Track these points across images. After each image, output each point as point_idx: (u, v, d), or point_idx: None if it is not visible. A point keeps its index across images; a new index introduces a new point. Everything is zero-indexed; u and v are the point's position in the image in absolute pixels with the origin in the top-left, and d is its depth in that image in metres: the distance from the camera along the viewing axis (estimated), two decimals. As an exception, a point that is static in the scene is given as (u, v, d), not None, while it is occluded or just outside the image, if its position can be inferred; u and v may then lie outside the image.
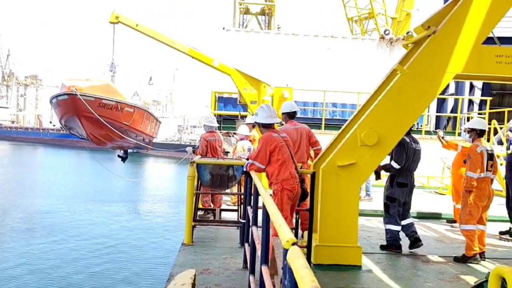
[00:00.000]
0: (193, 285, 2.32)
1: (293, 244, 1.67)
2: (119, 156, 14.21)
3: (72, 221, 21.34)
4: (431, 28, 5.19)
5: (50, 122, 67.78)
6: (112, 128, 11.85)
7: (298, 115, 13.18)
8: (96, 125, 11.49)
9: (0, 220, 21.76)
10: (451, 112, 19.32)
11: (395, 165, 5.92)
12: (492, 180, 5.86)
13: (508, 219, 7.24)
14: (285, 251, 1.67)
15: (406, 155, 5.89)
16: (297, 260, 1.47)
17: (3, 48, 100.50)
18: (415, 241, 5.95)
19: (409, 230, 6.00)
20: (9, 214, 23.27)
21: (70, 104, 10.55)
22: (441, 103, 20.05)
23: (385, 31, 15.57)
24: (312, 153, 6.52)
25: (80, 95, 10.48)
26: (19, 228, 20.61)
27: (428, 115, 16.51)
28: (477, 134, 6.03)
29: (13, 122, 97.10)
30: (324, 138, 9.91)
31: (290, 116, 6.47)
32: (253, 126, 9.90)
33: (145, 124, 13.49)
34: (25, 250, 17.50)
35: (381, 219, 6.64)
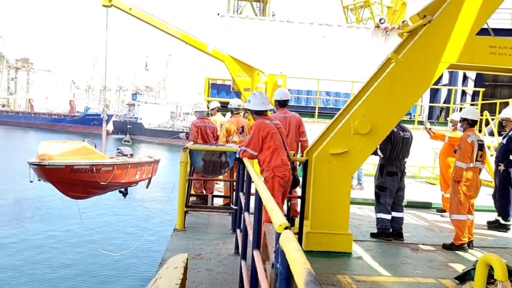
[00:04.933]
0: (186, 268, 2.33)
1: (286, 228, 1.68)
2: (120, 191, 14.10)
3: (60, 206, 21.26)
4: (427, 17, 5.18)
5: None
6: (89, 188, 11.97)
7: (292, 103, 13.22)
8: (71, 188, 11.75)
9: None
10: (444, 102, 19.41)
11: (379, 153, 5.97)
12: (480, 170, 5.93)
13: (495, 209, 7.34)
14: (278, 235, 1.68)
15: (392, 144, 5.93)
16: (289, 244, 1.48)
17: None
18: (398, 236, 6.02)
19: (396, 224, 6.06)
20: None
21: (41, 172, 10.79)
22: (434, 94, 20.11)
23: (380, 20, 15.51)
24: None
25: (49, 164, 10.63)
26: (7, 214, 20.52)
27: (421, 105, 16.56)
28: (469, 124, 6.06)
29: (3, 106, 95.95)
30: (317, 126, 9.92)
31: (281, 104, 6.45)
32: (217, 111, 9.85)
33: (132, 174, 13.17)
34: (15, 236, 17.44)
35: (372, 207, 6.71)
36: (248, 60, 12.15)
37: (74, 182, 11.28)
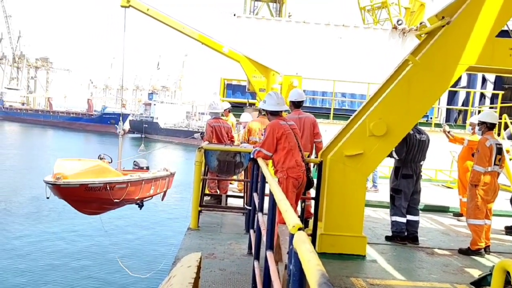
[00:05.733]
0: (199, 267, 2.35)
1: (299, 229, 1.68)
2: (136, 203, 14.36)
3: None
4: (445, 18, 5.11)
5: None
6: (103, 205, 12.19)
7: (307, 104, 13.16)
8: (86, 205, 12.08)
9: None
10: (462, 105, 19.11)
11: (395, 155, 5.91)
12: (498, 174, 5.82)
13: (514, 214, 7.21)
14: (291, 236, 1.68)
15: (407, 147, 5.86)
16: (303, 245, 1.48)
17: (14, 29, 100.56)
18: (413, 239, 5.95)
19: (411, 228, 5.98)
20: (15, 195, 23.58)
21: (56, 191, 11.11)
22: (452, 96, 19.81)
23: (398, 21, 15.36)
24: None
25: (64, 184, 10.85)
26: (21, 212, 20.89)
27: (439, 108, 16.34)
28: (487, 127, 5.95)
29: (23, 104, 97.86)
30: (332, 128, 9.86)
31: (296, 105, 6.42)
32: (229, 111, 9.84)
33: (146, 190, 13.33)
34: (31, 235, 17.75)
35: (387, 210, 6.64)
36: (263, 60, 12.16)
37: (88, 200, 11.57)
